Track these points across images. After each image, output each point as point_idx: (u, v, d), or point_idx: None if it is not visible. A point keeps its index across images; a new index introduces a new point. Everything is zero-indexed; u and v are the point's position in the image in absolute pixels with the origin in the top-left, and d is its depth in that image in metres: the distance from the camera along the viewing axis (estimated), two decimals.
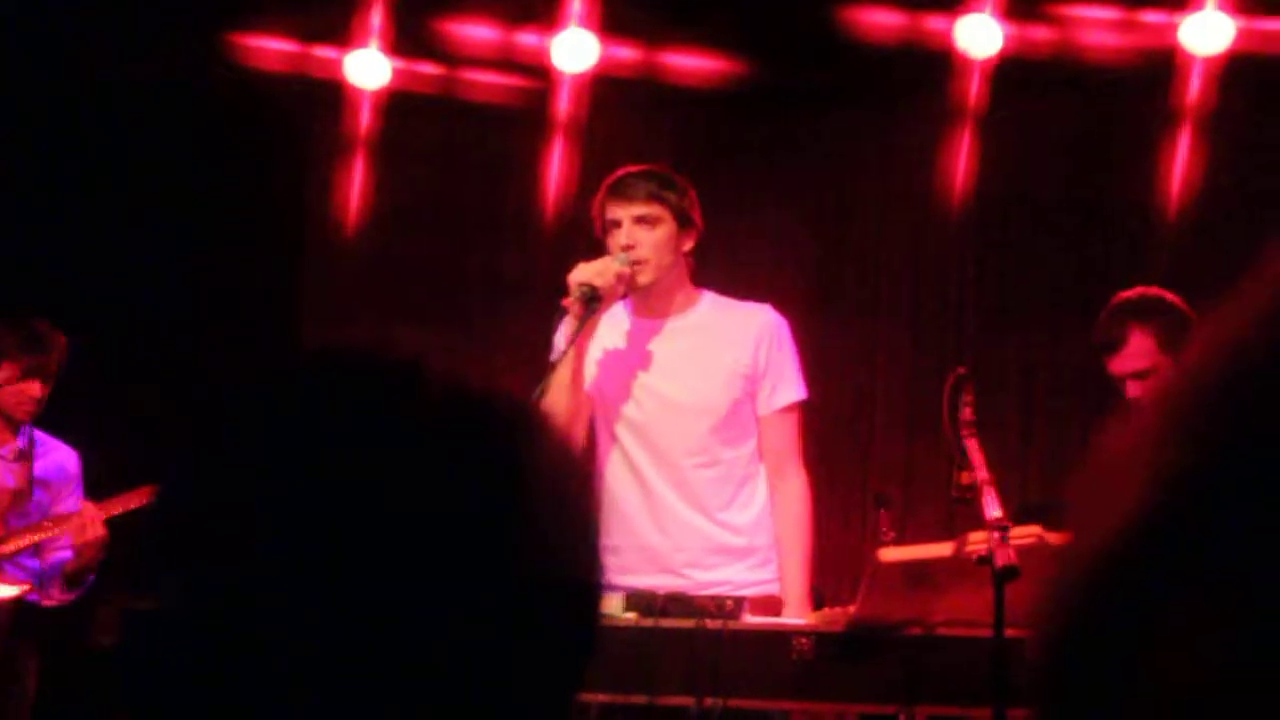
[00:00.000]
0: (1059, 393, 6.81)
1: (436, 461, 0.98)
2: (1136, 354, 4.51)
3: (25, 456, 5.45)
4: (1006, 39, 6.56)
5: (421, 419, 1.00)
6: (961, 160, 6.93)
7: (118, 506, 5.24)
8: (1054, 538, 3.52)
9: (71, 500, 5.55)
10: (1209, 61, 6.52)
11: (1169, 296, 4.62)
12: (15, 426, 5.46)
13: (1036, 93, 6.81)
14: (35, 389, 5.35)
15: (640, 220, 4.23)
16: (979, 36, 6.54)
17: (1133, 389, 4.52)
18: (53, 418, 5.56)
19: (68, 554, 5.41)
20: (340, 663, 0.92)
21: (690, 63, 6.86)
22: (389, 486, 0.96)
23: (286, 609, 0.93)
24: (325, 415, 0.99)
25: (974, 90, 6.82)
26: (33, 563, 5.48)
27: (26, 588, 5.38)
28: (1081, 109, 6.88)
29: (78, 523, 5.25)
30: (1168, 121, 6.72)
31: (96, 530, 5.21)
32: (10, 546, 5.36)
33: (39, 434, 5.53)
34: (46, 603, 5.46)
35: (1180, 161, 6.74)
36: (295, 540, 0.94)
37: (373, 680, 0.93)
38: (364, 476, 0.96)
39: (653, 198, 4.24)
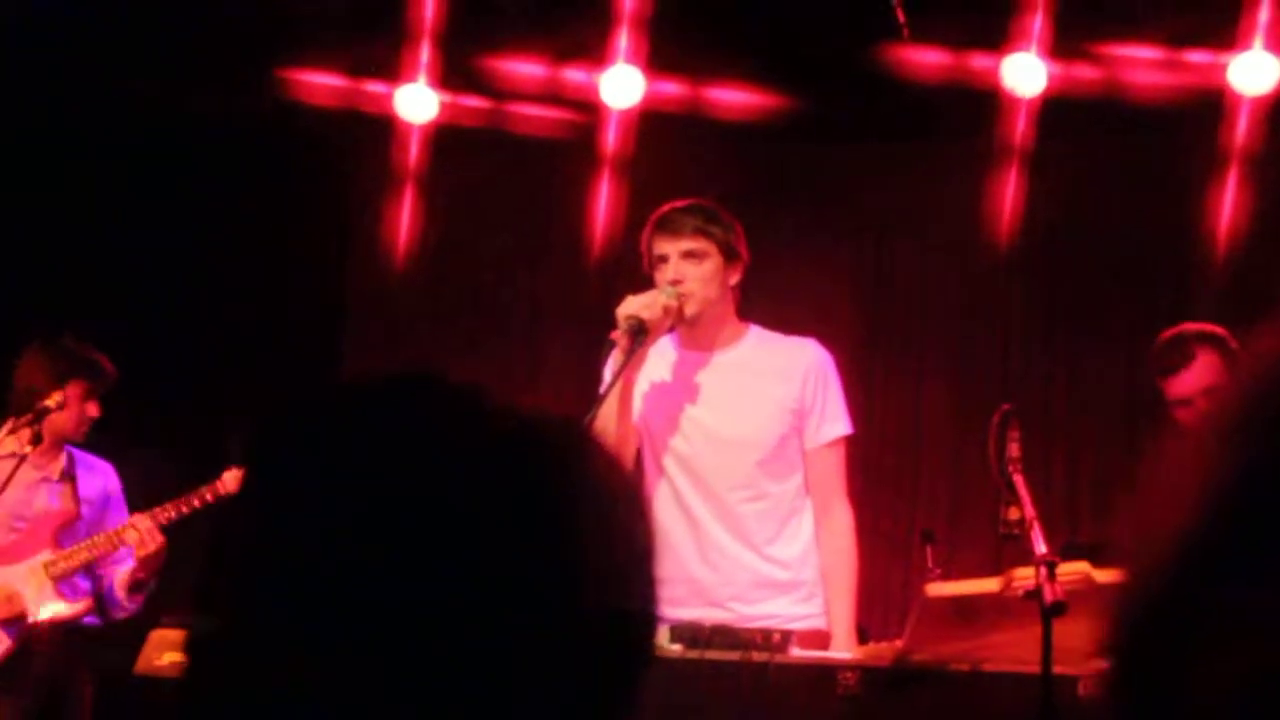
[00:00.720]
0: (1105, 432, 6.78)
1: (493, 486, 0.97)
2: (1204, 370, 4.52)
3: (68, 477, 5.53)
4: (1052, 78, 6.56)
5: (478, 443, 1.00)
6: (1008, 197, 6.93)
7: (170, 513, 5.31)
8: (1101, 576, 3.51)
9: (117, 514, 5.60)
10: (1256, 102, 6.51)
11: (1222, 329, 4.63)
12: (59, 448, 5.53)
13: (1083, 132, 6.81)
14: (94, 410, 5.49)
15: (687, 255, 4.24)
16: (1025, 75, 6.54)
17: (1202, 404, 4.50)
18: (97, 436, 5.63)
19: (129, 563, 5.46)
20: (391, 685, 0.92)
21: (736, 98, 6.88)
22: (445, 511, 0.95)
23: (341, 632, 0.93)
24: (383, 437, 0.99)
25: (1020, 128, 6.83)
26: (84, 583, 5.52)
27: (86, 606, 5.44)
28: (1128, 149, 6.87)
29: (135, 536, 5.32)
30: (1215, 161, 6.70)
31: (156, 539, 5.29)
32: (63, 566, 5.41)
33: (76, 452, 5.60)
34: (118, 615, 5.51)
35: (1228, 201, 6.72)
36: (350, 562, 0.94)
37: (424, 703, 0.92)
38: (420, 499, 0.95)
39: (699, 232, 4.26)
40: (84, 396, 5.45)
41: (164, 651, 4.94)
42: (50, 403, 5.36)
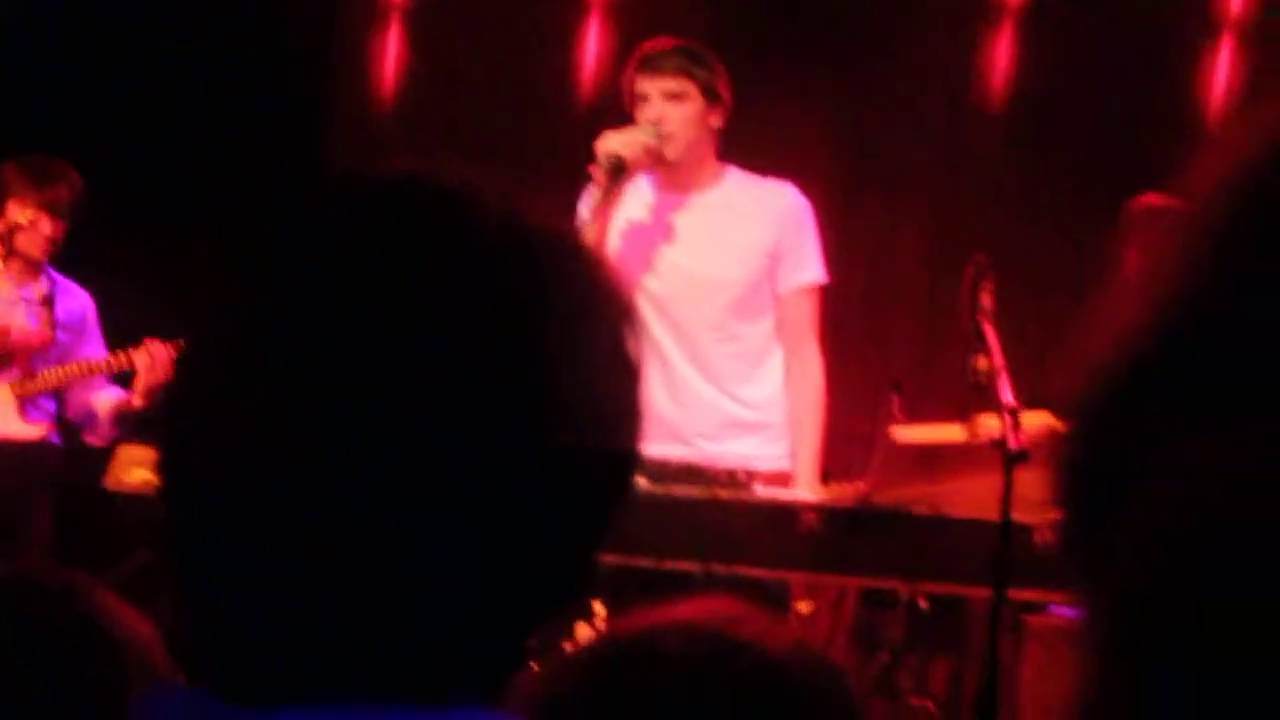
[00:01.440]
0: (1081, 288, 6.79)
1: (488, 293, 0.92)
2: None
3: (48, 301, 5.44)
4: None
5: (475, 245, 0.94)
6: (996, 50, 6.88)
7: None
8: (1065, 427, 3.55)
9: (94, 344, 5.54)
10: None
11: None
12: (36, 269, 5.44)
13: None
14: (46, 226, 5.31)
15: (669, 95, 4.23)
16: None
17: None
18: (67, 262, 5.53)
19: (117, 392, 5.41)
20: (367, 508, 0.90)
21: None
22: (422, 321, 0.91)
23: (319, 450, 0.90)
24: (360, 236, 0.94)
25: None
26: (49, 405, 5.48)
27: (45, 430, 5.40)
28: (1122, 4, 6.81)
29: (147, 361, 5.23)
30: (1209, 20, 6.65)
31: (169, 369, 5.18)
32: (31, 388, 5.35)
33: (56, 276, 5.50)
34: (94, 440, 5.46)
35: (1223, 63, 6.68)
36: (319, 371, 0.90)
37: (396, 527, 0.90)
38: (396, 307, 0.91)
39: (681, 73, 4.24)
40: (37, 209, 5.27)
41: (132, 467, 4.93)
42: (20, 219, 5.25)
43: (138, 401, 5.33)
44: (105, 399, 5.45)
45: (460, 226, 0.95)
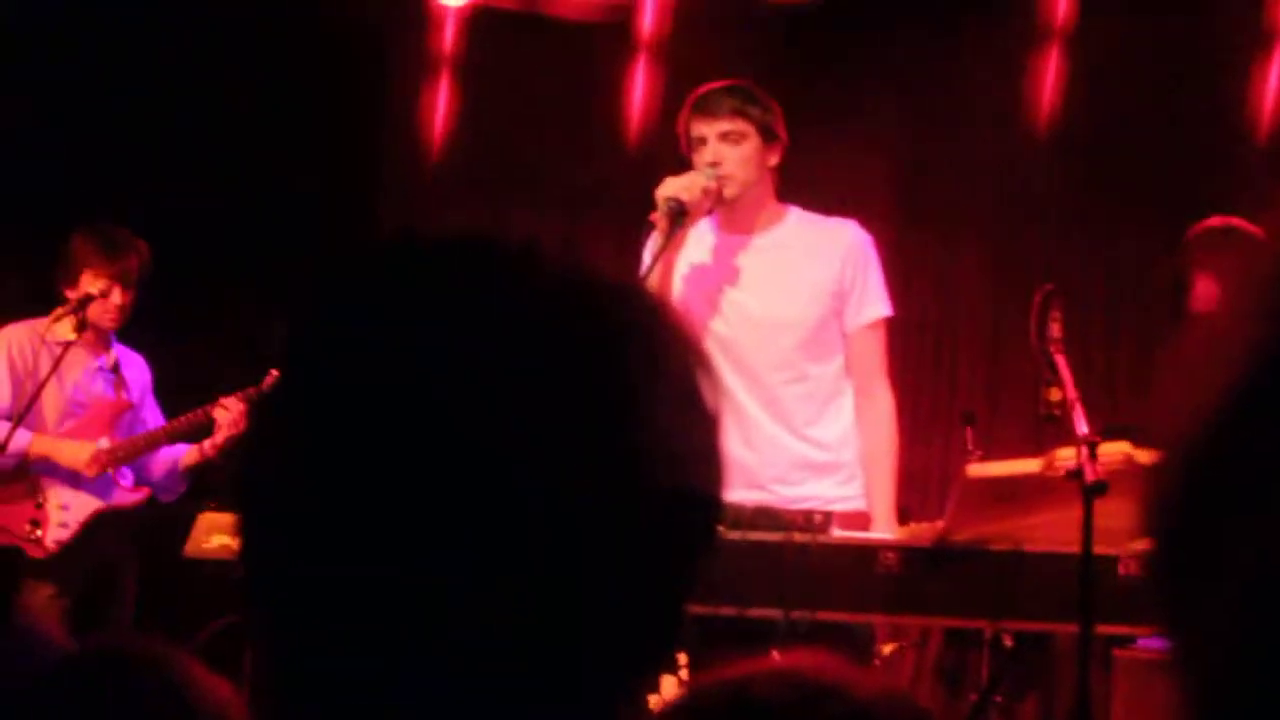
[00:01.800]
0: (1144, 312, 6.74)
1: (559, 349, 0.92)
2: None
3: (118, 369, 5.51)
4: None
5: (542, 302, 0.94)
6: (1047, 76, 6.85)
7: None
8: (1142, 456, 3.50)
9: (152, 409, 5.60)
10: None
11: (1247, 227, 4.52)
12: (106, 338, 5.51)
13: (1124, 9, 6.71)
14: (118, 296, 5.37)
15: (725, 136, 4.22)
16: None
17: None
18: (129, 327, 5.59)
19: (186, 449, 5.48)
20: (450, 571, 0.89)
21: None
22: (496, 379, 0.90)
23: (397, 513, 0.89)
24: (429, 299, 0.94)
25: (1060, 6, 6.75)
26: (129, 470, 5.54)
27: (146, 494, 5.48)
28: (1170, 25, 6.77)
29: (227, 417, 5.28)
30: (1259, 38, 6.60)
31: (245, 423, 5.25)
32: (122, 456, 5.41)
33: (116, 344, 5.56)
34: (168, 499, 5.52)
35: (1272, 79, 6.62)
36: (398, 437, 0.90)
37: (481, 589, 0.89)
38: (470, 366, 0.90)
39: (737, 113, 4.23)
40: (110, 280, 5.33)
41: (212, 534, 4.97)
42: (94, 289, 5.32)
43: (211, 453, 5.39)
44: (184, 459, 5.51)
45: (526, 284, 0.94)
